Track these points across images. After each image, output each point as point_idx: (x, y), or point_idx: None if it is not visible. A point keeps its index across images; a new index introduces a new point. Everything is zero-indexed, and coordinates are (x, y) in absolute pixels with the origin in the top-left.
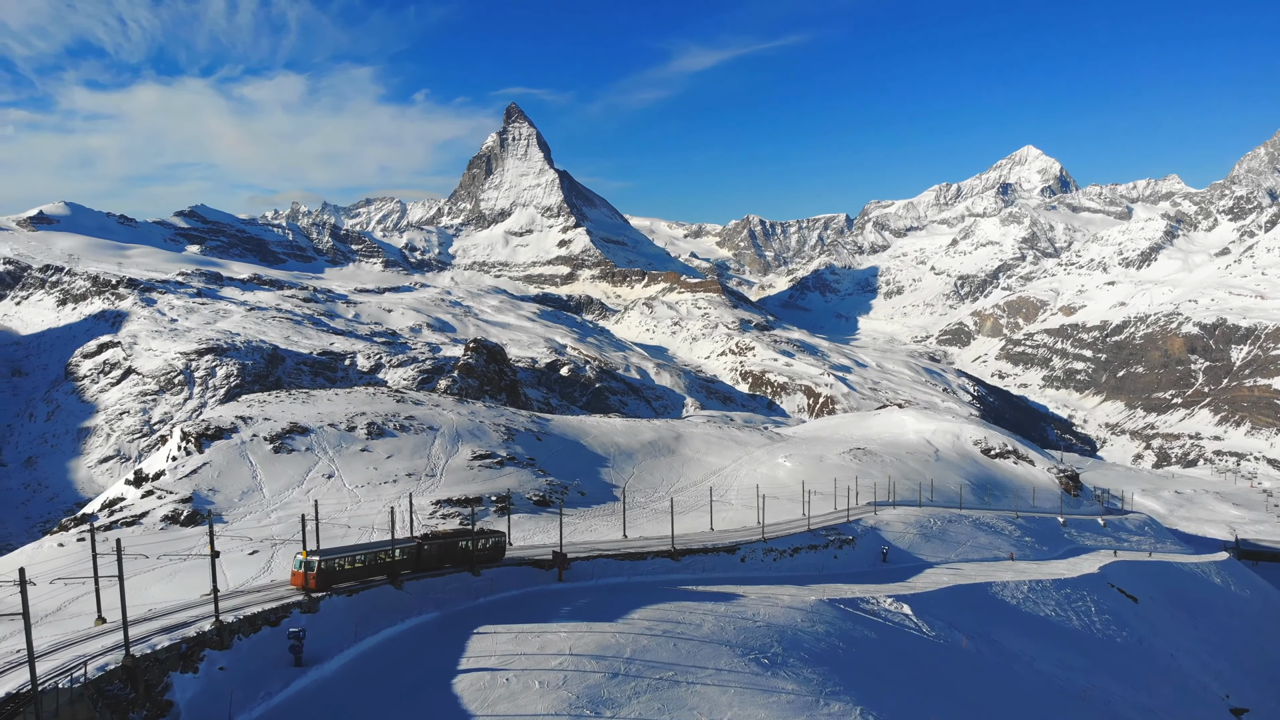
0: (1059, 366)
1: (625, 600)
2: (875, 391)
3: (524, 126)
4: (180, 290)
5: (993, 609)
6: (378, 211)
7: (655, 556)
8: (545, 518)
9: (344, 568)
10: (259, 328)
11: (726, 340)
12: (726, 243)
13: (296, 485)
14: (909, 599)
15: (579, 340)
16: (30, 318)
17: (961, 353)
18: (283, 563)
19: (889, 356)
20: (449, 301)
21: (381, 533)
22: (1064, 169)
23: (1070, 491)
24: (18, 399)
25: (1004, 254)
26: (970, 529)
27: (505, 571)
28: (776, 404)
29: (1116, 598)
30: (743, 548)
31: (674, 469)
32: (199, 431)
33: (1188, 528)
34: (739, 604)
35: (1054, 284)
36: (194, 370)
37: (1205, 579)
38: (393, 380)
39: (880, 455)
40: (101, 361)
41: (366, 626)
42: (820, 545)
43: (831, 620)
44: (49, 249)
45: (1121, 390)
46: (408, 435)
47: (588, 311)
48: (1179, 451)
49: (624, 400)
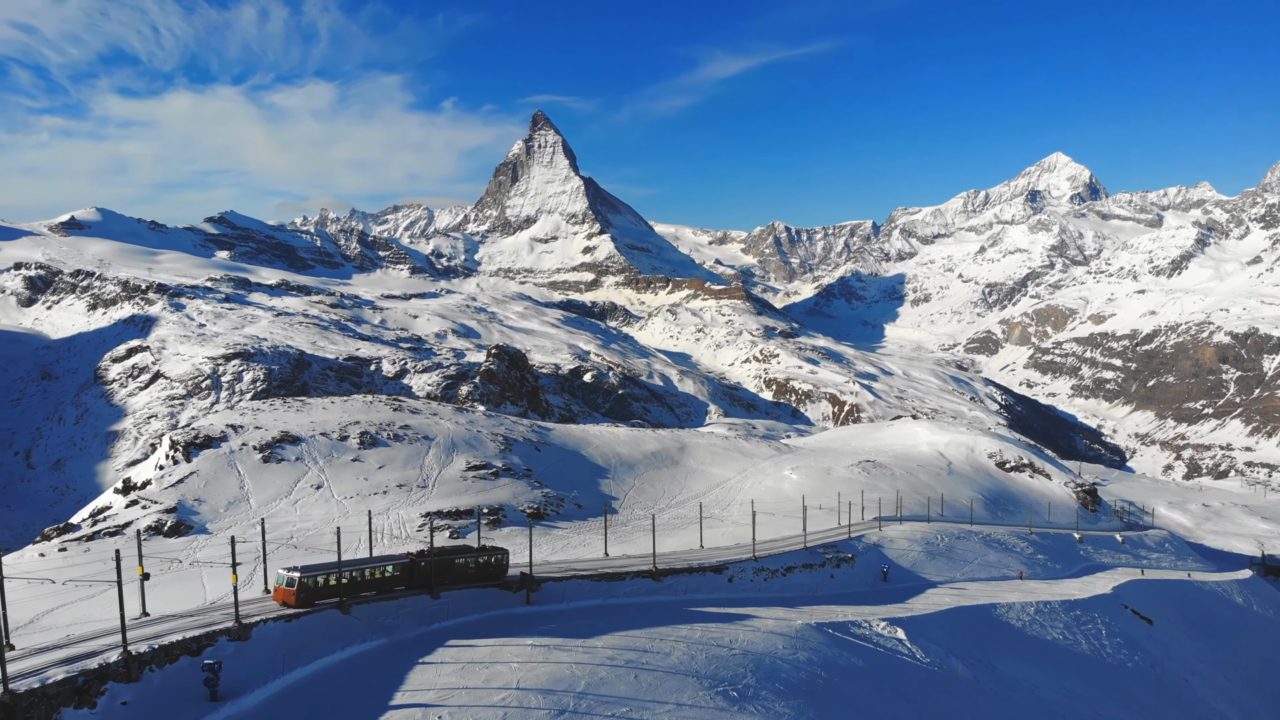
0: (1088, 376)
1: (593, 625)
2: (901, 400)
3: (550, 134)
4: (209, 295)
5: (996, 632)
6: (405, 218)
7: (634, 577)
8: (539, 531)
9: (329, 584)
10: (286, 333)
11: (750, 347)
12: (751, 249)
13: (285, 496)
14: (904, 622)
15: (602, 347)
16: (61, 322)
17: (989, 361)
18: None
19: (915, 364)
20: (474, 308)
21: (367, 548)
22: (1094, 176)
23: (1088, 506)
24: (47, 402)
25: (1033, 262)
26: (979, 546)
27: (467, 594)
28: (801, 412)
29: (1130, 620)
30: (731, 567)
31: (677, 481)
32: (187, 440)
33: (1215, 542)
34: (716, 629)
35: (1083, 292)
36: (221, 375)
37: (1226, 599)
38: (417, 386)
39: (890, 468)
40: (130, 366)
41: (301, 656)
42: (816, 564)
43: (816, 647)
44: (80, 254)
45: (1152, 400)
46: (401, 445)
47: (611, 318)
48: (1210, 462)
49: (646, 407)
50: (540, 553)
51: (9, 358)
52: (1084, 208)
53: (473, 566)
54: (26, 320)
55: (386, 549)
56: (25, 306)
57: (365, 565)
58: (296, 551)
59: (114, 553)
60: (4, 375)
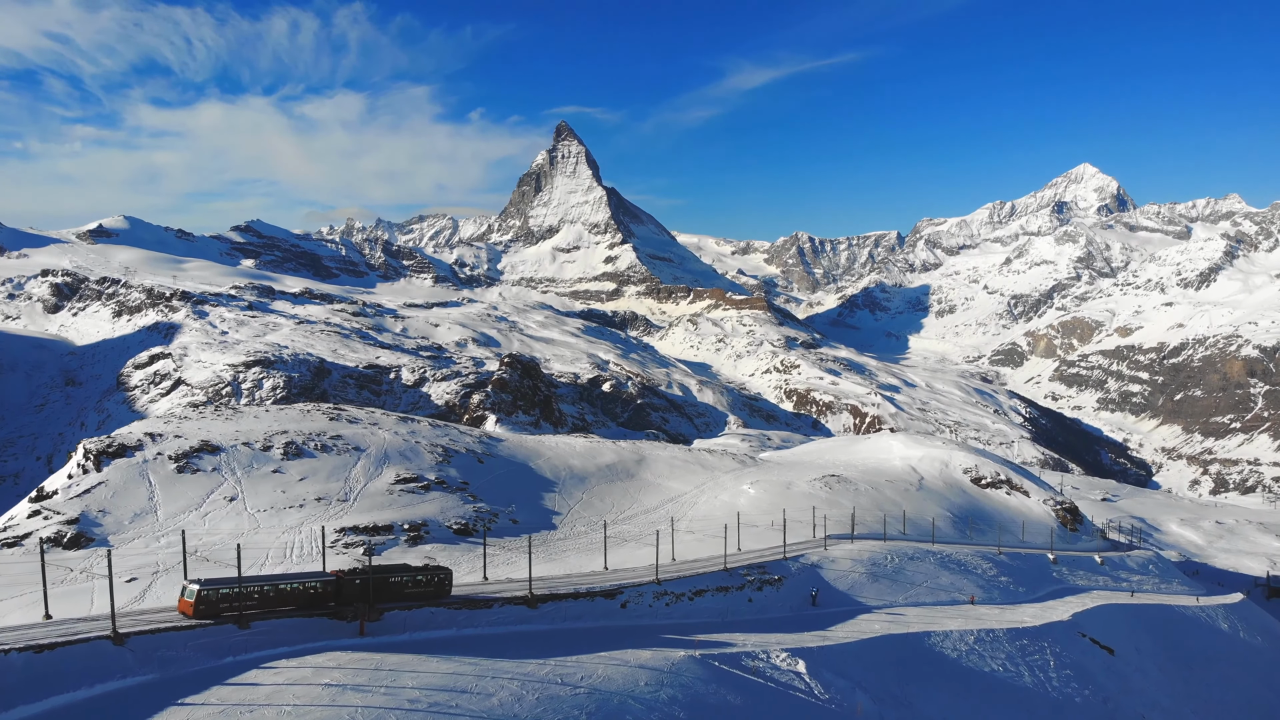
0: (1114, 389)
1: (421, 661)
2: (924, 412)
3: (573, 144)
4: (232, 303)
5: (924, 664)
6: (430, 228)
7: (505, 604)
8: (464, 548)
9: (234, 597)
10: (307, 341)
11: (771, 358)
12: (775, 260)
13: (195, 508)
14: (810, 653)
15: (622, 356)
16: (86, 328)
17: (1014, 373)
18: (160, 591)
19: (939, 376)
20: (495, 317)
21: (275, 563)
22: (1121, 187)
23: (1068, 525)
24: (70, 408)
25: (1059, 273)
26: (933, 567)
27: (285, 623)
28: (821, 423)
29: (1087, 649)
30: (627, 591)
31: (629, 494)
32: (100, 449)
33: (1225, 560)
34: (573, 662)
35: (1110, 304)
36: (241, 382)
37: (1209, 624)
38: (435, 394)
39: (856, 483)
40: (152, 372)
41: (37, 690)
42: (734, 587)
43: (689, 683)
44: (107, 262)
45: (1178, 414)
46: (329, 456)
47: (632, 328)
48: (1237, 478)
49: (665, 417)
50: (457, 573)
51: (34, 363)
52: (1111, 219)
53: (410, 585)
54: (52, 326)
55: (294, 566)
56: (51, 313)
57: (283, 581)
58: (207, 565)
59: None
60: (28, 381)
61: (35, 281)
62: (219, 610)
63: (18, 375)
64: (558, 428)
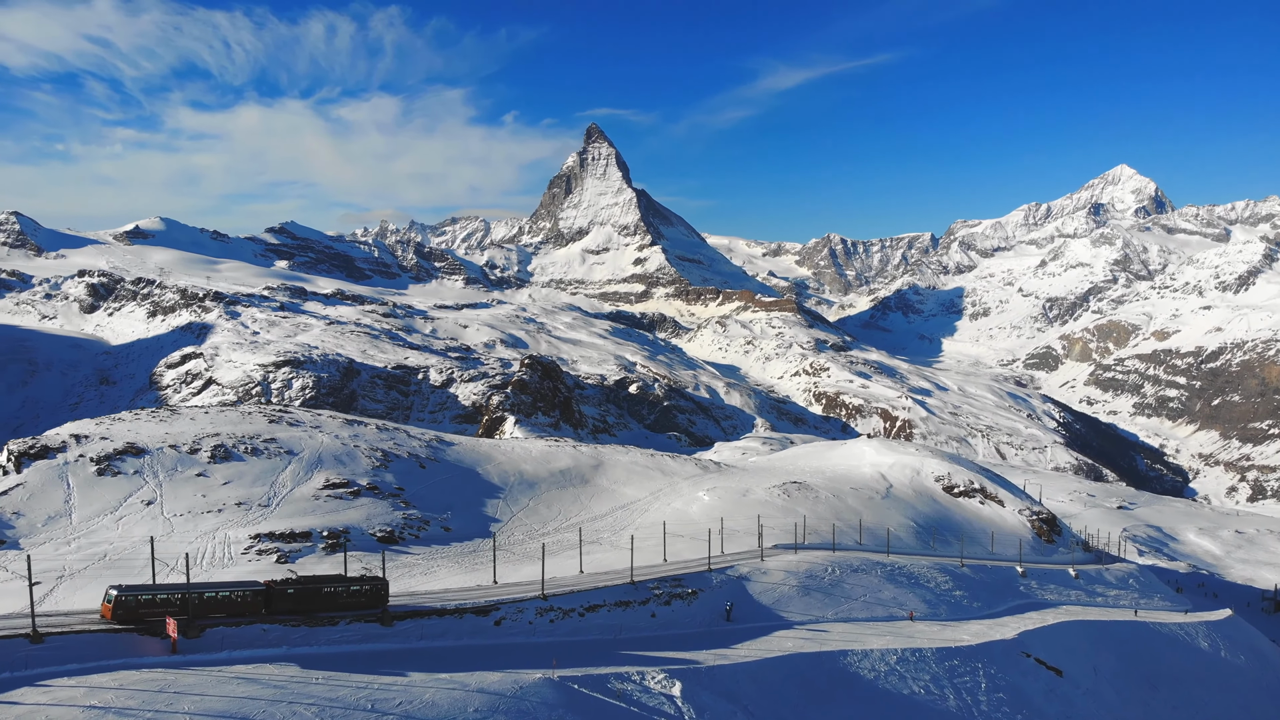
0: (1150, 394)
1: (218, 683)
2: (955, 416)
3: (604, 146)
4: (264, 304)
5: (833, 685)
6: (462, 230)
7: (355, 621)
8: (386, 557)
9: (152, 603)
10: (337, 341)
11: (800, 360)
12: (806, 261)
13: (110, 511)
14: (693, 674)
15: (649, 358)
16: (121, 328)
17: (1049, 378)
18: (62, 595)
19: (972, 380)
20: (523, 318)
21: (184, 570)
22: (1159, 189)
23: (1044, 536)
24: (104, 407)
25: (1095, 276)
26: (878, 580)
27: (85, 638)
28: (851, 427)
29: (1030, 670)
30: (505, 607)
31: (579, 501)
32: (22, 450)
33: (1241, 571)
34: (392, 688)
35: (1147, 308)
36: (271, 382)
37: (1187, 643)
38: (463, 395)
39: (817, 490)
40: (184, 372)
41: None
42: (636, 601)
43: (531, 709)
44: (143, 263)
45: (1216, 419)
46: (258, 459)
47: (660, 329)
48: (1275, 484)
49: (691, 419)
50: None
51: (70, 362)
52: (1149, 221)
53: (344, 595)
54: (88, 326)
55: (203, 573)
56: (88, 313)
57: (210, 589)
58: (114, 571)
59: None
60: (64, 379)
61: (72, 282)
62: (139, 616)
63: (53, 374)
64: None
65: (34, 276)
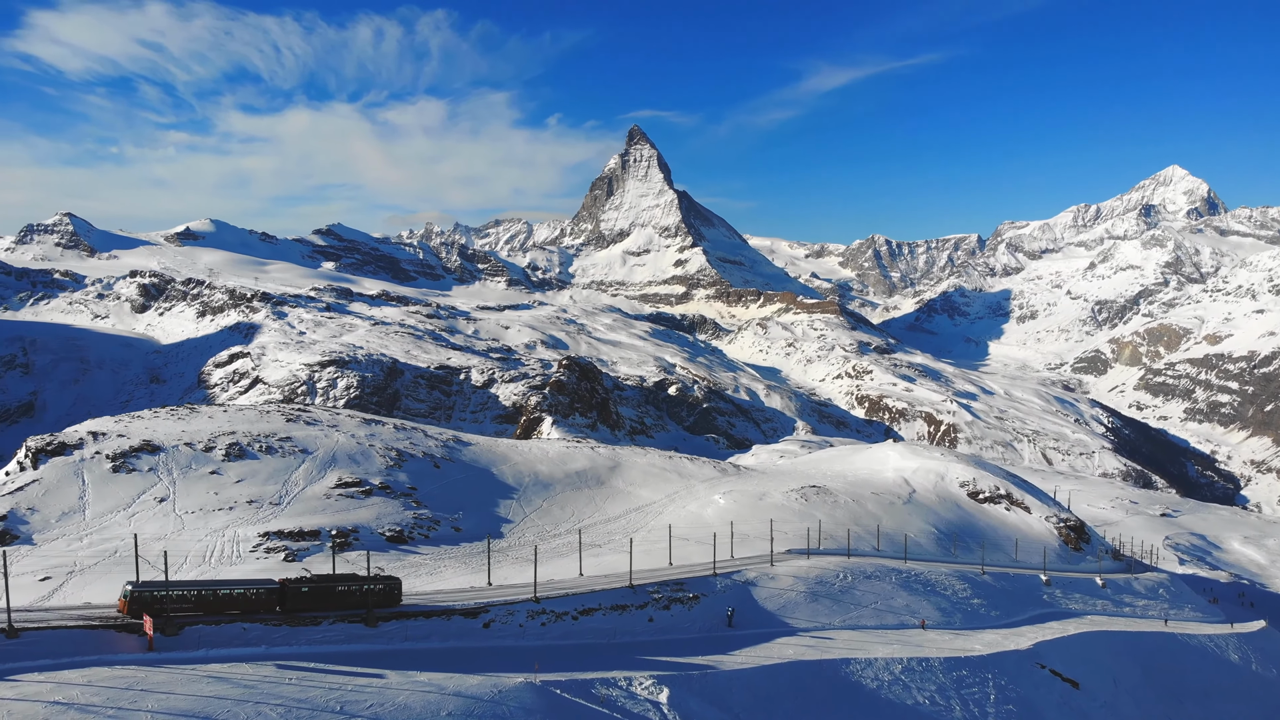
0: (1202, 399)
1: (187, 682)
2: (1001, 421)
3: (645, 148)
4: (310, 305)
5: (832, 694)
6: (506, 232)
7: (340, 622)
8: (390, 557)
9: (169, 599)
10: (381, 342)
11: (843, 363)
12: (850, 263)
13: (124, 508)
14: (683, 680)
15: (689, 360)
16: (171, 328)
17: (1097, 382)
18: (70, 590)
19: (1018, 384)
20: (564, 319)
21: (193, 567)
22: (1212, 190)
23: (1071, 544)
24: (154, 404)
25: (1145, 279)
26: (891, 587)
27: (59, 634)
28: (894, 430)
29: (1044, 682)
30: (495, 609)
31: (593, 503)
32: (40, 446)
33: None
34: (366, 690)
35: (1198, 311)
36: (316, 381)
37: (1216, 655)
38: (503, 395)
39: (836, 495)
40: (231, 371)
41: None
42: (634, 605)
43: (508, 714)
44: (193, 264)
45: (1269, 425)
46: (272, 458)
47: (701, 331)
48: None
49: (731, 421)
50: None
51: (121, 361)
52: (1201, 223)
53: (359, 594)
54: (139, 325)
55: (211, 569)
56: (139, 313)
57: (224, 586)
58: (124, 567)
59: None
60: (115, 377)
61: (124, 282)
62: (155, 611)
63: (105, 372)
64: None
65: (87, 277)
